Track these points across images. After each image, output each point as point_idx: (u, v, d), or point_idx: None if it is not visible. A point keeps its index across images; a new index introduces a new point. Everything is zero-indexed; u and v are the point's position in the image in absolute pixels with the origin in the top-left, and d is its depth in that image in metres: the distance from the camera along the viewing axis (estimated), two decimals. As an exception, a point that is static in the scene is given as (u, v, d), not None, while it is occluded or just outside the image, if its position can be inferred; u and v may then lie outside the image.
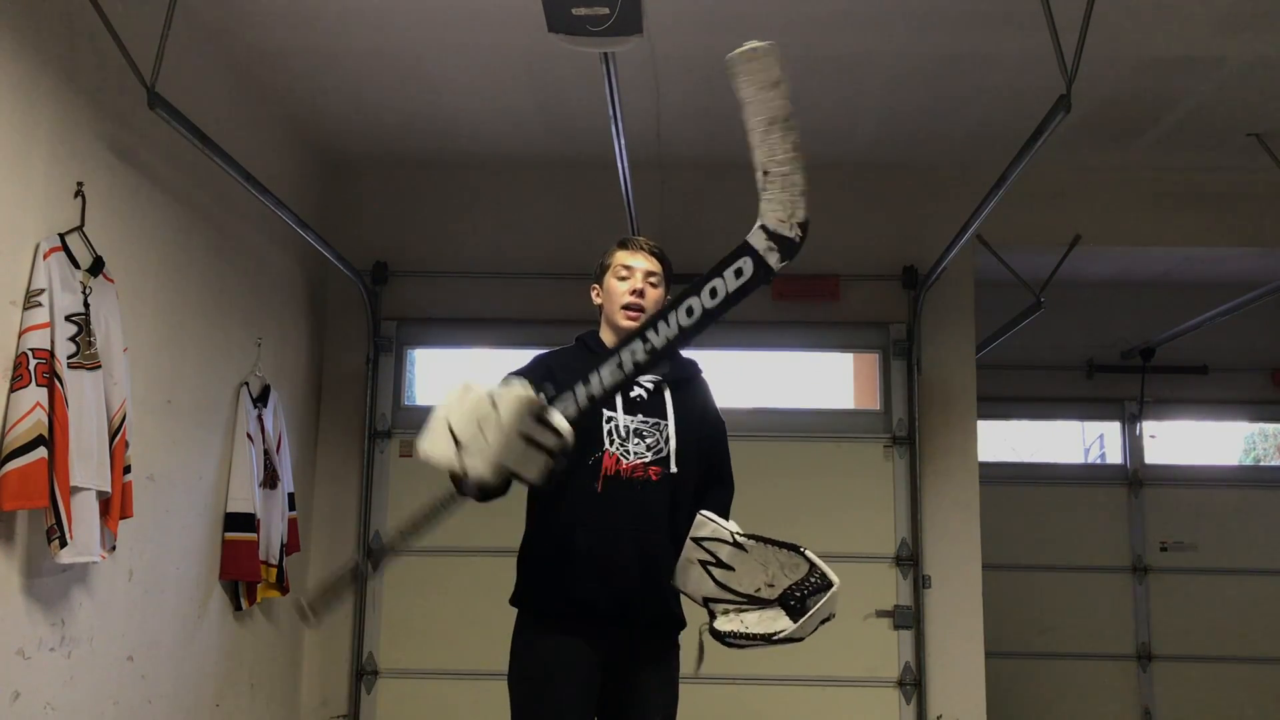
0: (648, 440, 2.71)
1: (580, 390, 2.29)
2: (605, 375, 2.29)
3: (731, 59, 2.19)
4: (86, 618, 3.28)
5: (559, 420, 2.21)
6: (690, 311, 2.26)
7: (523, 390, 2.19)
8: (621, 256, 2.84)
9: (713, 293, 2.25)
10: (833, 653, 5.20)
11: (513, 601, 2.78)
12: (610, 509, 2.64)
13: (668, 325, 2.27)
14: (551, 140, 5.21)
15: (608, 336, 2.85)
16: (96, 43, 3.21)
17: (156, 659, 3.75)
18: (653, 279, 2.82)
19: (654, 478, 2.68)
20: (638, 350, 2.28)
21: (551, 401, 2.26)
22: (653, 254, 2.84)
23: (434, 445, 2.22)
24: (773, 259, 2.23)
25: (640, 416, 2.72)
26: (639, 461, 2.68)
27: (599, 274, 2.89)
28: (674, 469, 2.70)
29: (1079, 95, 3.31)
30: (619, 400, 2.72)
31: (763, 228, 2.23)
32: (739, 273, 2.24)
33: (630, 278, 2.80)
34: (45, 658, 3.07)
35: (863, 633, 5.20)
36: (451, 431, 2.19)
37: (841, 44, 4.20)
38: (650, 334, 2.28)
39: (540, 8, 3.03)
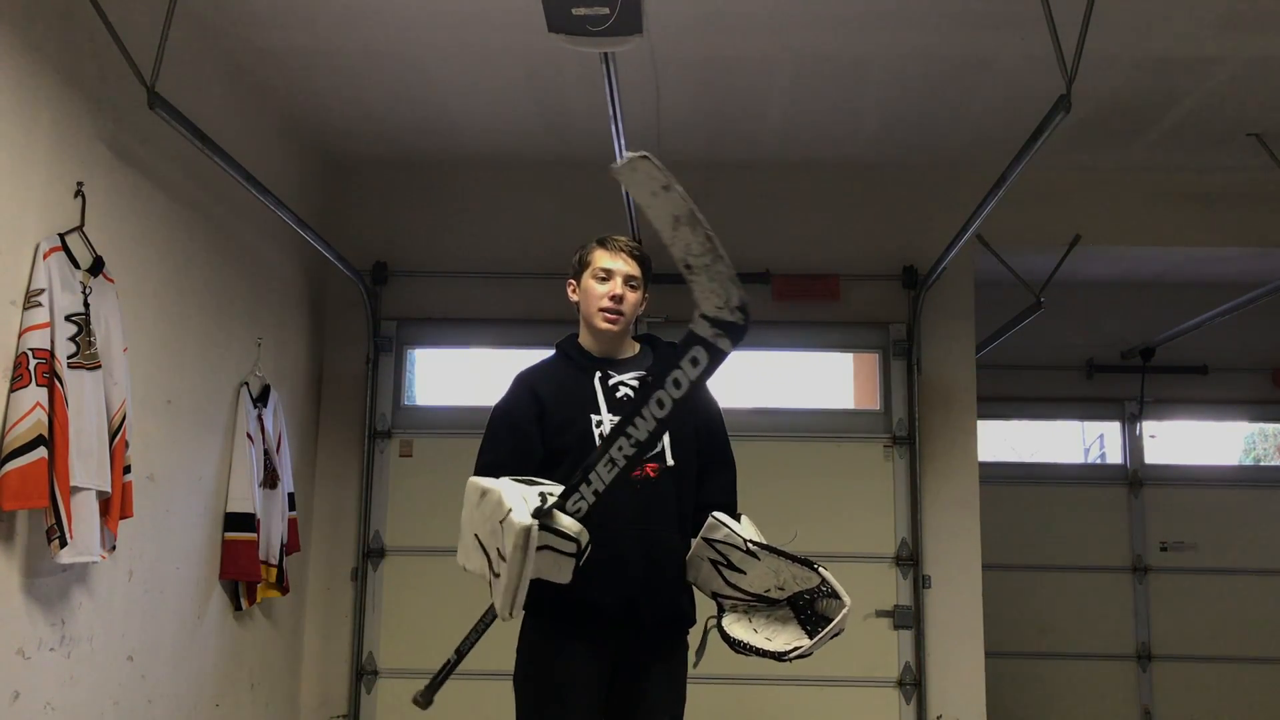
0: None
1: (583, 491, 2.32)
2: (603, 475, 2.31)
3: (614, 172, 2.24)
4: (86, 618, 3.28)
5: (569, 523, 2.29)
6: (661, 404, 2.26)
7: (521, 521, 2.24)
8: (601, 257, 2.80)
9: (675, 384, 2.25)
10: (833, 653, 5.17)
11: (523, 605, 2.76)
12: (612, 510, 2.63)
13: (644, 420, 2.27)
14: (551, 140, 5.21)
15: (585, 339, 2.83)
16: (96, 43, 3.21)
17: (156, 659, 3.76)
18: (632, 282, 2.79)
19: (653, 474, 2.67)
20: (624, 445, 2.29)
21: (556, 506, 2.31)
22: (633, 256, 2.80)
23: (470, 559, 2.54)
24: (723, 344, 2.22)
25: None
26: None
27: (577, 271, 2.85)
28: (670, 462, 2.69)
29: (1079, 95, 3.31)
30: (603, 402, 2.71)
31: (703, 316, 2.21)
32: (695, 361, 2.23)
33: (610, 280, 2.77)
34: (45, 658, 3.07)
35: (863, 633, 5.20)
36: (480, 542, 2.46)
37: (841, 44, 4.20)
38: (630, 429, 2.28)
39: (540, 8, 3.02)
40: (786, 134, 5.12)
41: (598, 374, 2.76)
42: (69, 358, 2.99)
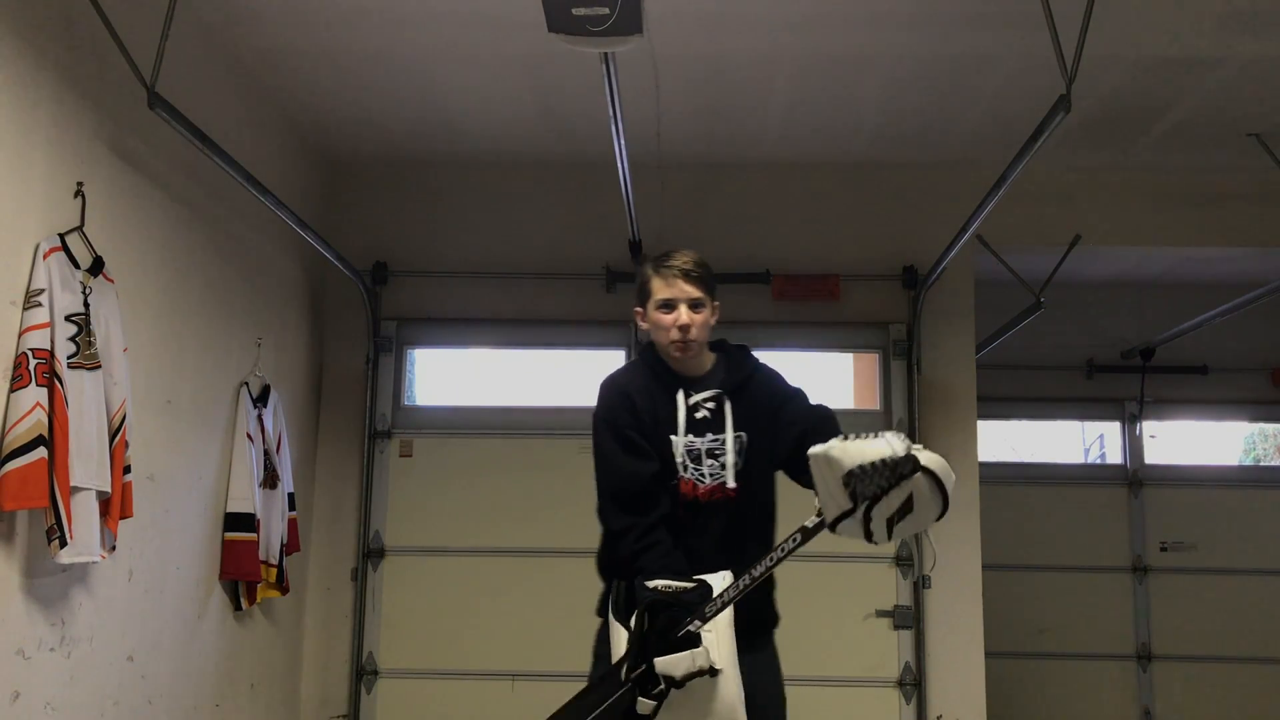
0: (720, 459, 2.68)
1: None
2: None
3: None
4: (86, 618, 3.28)
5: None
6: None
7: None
8: (659, 288, 2.72)
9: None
10: (833, 653, 5.21)
11: (599, 613, 2.76)
12: (691, 532, 2.62)
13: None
14: (552, 140, 5.21)
15: (665, 354, 2.78)
16: (96, 43, 3.21)
17: (156, 659, 3.75)
18: (697, 304, 2.71)
19: (732, 495, 2.65)
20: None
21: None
22: (690, 278, 2.71)
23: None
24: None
25: (709, 436, 2.69)
26: (715, 483, 2.66)
27: (641, 299, 2.79)
28: (731, 484, 2.66)
29: (1079, 95, 3.31)
30: (683, 421, 2.69)
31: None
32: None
33: (674, 310, 2.70)
34: (45, 658, 3.07)
35: (863, 633, 5.20)
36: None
37: (841, 44, 4.20)
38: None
39: (540, 8, 3.02)
40: (786, 134, 5.12)
41: (680, 392, 2.73)
42: (69, 358, 2.99)
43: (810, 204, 5.57)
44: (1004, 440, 7.62)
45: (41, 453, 2.84)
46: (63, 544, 2.90)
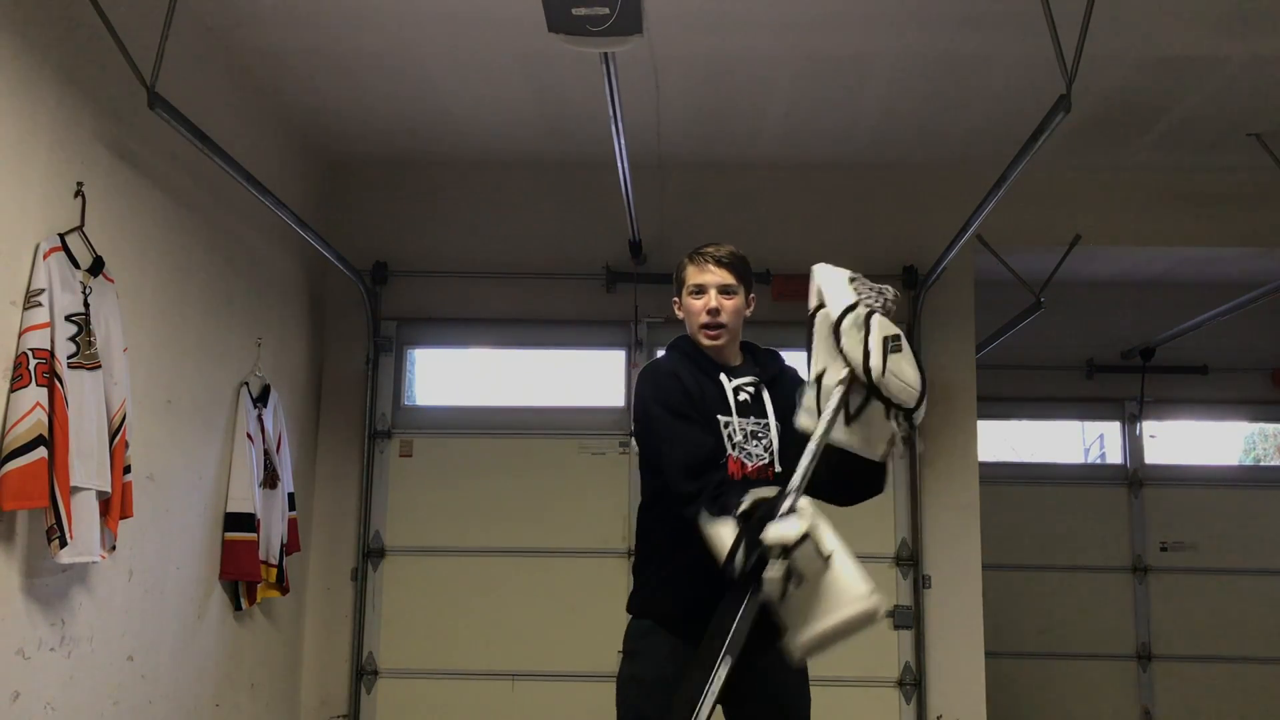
0: (763, 442, 2.71)
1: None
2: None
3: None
4: (86, 618, 3.28)
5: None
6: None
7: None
8: (691, 274, 2.79)
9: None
10: (833, 653, 5.20)
11: (630, 609, 2.75)
12: None
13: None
14: (551, 140, 5.21)
15: (701, 344, 2.82)
16: (96, 43, 3.21)
17: (156, 659, 3.76)
18: (728, 290, 2.77)
19: (772, 478, 2.66)
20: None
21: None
22: (721, 264, 2.77)
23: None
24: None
25: (752, 419, 2.72)
26: (760, 464, 2.68)
27: (677, 288, 2.85)
28: (778, 468, 2.69)
29: (1079, 95, 3.31)
30: (733, 403, 2.72)
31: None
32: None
33: (704, 295, 2.76)
34: (45, 658, 3.07)
35: (863, 633, 5.19)
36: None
37: (841, 44, 4.21)
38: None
39: (540, 8, 3.03)
40: (787, 134, 5.12)
41: (722, 375, 2.77)
42: (69, 358, 2.99)
43: (810, 204, 5.57)
44: (1004, 440, 7.62)
45: (41, 453, 2.84)
46: (63, 544, 2.90)
